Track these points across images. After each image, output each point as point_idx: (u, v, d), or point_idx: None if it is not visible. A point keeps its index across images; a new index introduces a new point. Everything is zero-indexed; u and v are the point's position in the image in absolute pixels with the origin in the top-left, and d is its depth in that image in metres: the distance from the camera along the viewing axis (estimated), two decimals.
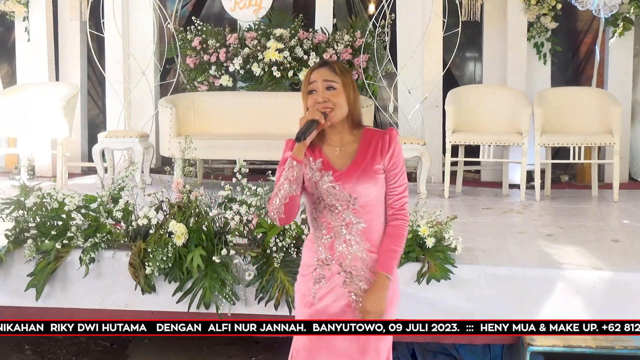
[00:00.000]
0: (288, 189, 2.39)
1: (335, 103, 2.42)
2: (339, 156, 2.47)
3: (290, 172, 2.39)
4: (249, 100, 6.61)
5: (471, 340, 3.77)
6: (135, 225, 3.77)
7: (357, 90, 2.51)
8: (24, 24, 7.08)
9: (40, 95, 6.41)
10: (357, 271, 2.45)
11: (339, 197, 2.44)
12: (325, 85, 2.43)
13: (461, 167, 6.27)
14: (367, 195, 2.43)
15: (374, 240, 2.46)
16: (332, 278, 2.48)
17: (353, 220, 2.44)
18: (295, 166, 2.38)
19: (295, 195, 2.42)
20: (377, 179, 2.44)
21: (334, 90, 2.43)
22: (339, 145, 2.48)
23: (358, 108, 2.50)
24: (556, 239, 4.46)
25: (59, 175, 6.21)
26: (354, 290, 2.46)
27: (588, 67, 7.26)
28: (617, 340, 3.51)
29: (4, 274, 3.80)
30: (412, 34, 6.63)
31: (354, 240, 2.45)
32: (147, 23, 6.93)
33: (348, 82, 2.45)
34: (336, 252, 2.47)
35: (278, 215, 2.44)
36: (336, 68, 2.45)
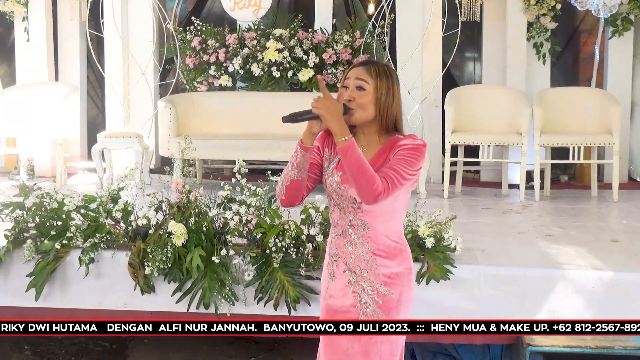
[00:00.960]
0: (290, 172, 2.40)
1: (360, 104, 2.38)
2: None
3: (294, 156, 2.39)
4: (248, 100, 6.61)
5: (470, 340, 3.77)
6: (134, 226, 3.77)
7: (397, 95, 2.43)
8: (24, 24, 7.07)
9: (39, 96, 6.41)
10: (360, 272, 2.45)
11: (344, 198, 2.43)
12: (356, 84, 2.39)
13: (461, 167, 6.27)
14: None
15: (381, 244, 2.43)
16: (341, 275, 2.48)
17: (358, 222, 2.43)
18: (299, 150, 2.38)
19: (299, 179, 2.40)
20: None
21: (363, 91, 2.39)
22: (364, 146, 2.43)
23: (392, 113, 2.41)
24: (556, 239, 4.47)
25: (58, 176, 6.21)
26: (358, 290, 2.46)
27: (587, 67, 7.26)
28: (617, 340, 3.51)
29: (3, 274, 3.80)
30: (412, 34, 6.63)
31: (359, 241, 2.44)
32: (146, 23, 6.92)
33: (382, 85, 2.39)
34: (342, 249, 2.47)
35: (279, 196, 2.46)
36: (372, 69, 2.40)
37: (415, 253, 3.65)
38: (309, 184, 2.49)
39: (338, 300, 2.50)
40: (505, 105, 6.20)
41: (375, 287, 2.43)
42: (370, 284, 2.44)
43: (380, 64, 2.45)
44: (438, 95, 6.70)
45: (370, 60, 2.53)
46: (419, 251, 3.65)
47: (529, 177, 6.17)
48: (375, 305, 2.44)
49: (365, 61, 2.48)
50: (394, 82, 2.43)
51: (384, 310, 2.45)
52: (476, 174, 7.09)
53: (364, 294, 2.45)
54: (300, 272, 3.64)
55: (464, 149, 6.12)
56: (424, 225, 3.68)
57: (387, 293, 2.44)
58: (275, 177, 3.02)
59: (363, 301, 2.45)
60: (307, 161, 2.41)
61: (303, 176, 2.41)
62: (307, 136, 2.38)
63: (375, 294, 2.44)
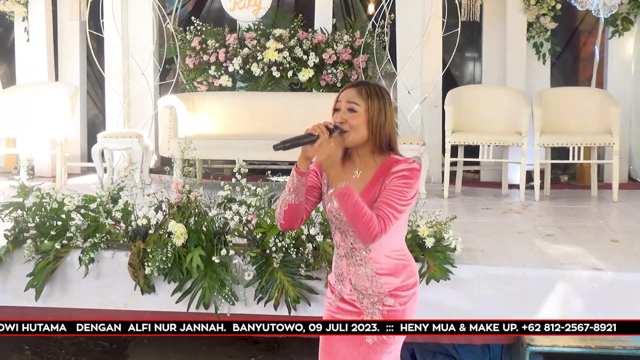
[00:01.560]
0: (288, 197, 2.41)
1: (352, 125, 2.38)
2: (355, 182, 2.41)
3: (290, 181, 2.40)
4: (248, 100, 6.61)
5: (470, 340, 3.77)
6: (134, 226, 3.77)
7: (390, 115, 2.43)
8: (24, 24, 7.07)
9: (39, 96, 6.40)
10: (366, 290, 2.47)
11: (343, 223, 2.43)
12: (348, 107, 2.40)
13: (460, 167, 6.27)
14: None
15: (383, 263, 2.44)
16: (348, 295, 2.51)
17: (359, 246, 2.44)
18: (294, 176, 2.39)
19: (296, 204, 2.41)
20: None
21: (355, 113, 2.39)
22: (359, 169, 2.45)
23: (385, 133, 2.41)
24: (556, 239, 4.46)
25: (58, 176, 6.21)
26: (366, 304, 2.47)
27: (587, 67, 7.26)
28: (617, 340, 3.51)
29: (3, 274, 3.80)
30: (412, 34, 6.63)
31: (361, 262, 2.46)
32: (146, 23, 6.92)
33: (374, 106, 2.39)
34: (347, 270, 2.50)
35: (278, 220, 2.48)
36: (363, 91, 2.41)
37: (415, 253, 3.64)
38: (308, 207, 2.51)
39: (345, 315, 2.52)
40: (505, 105, 6.20)
41: (383, 301, 2.46)
42: (379, 299, 2.46)
43: (371, 85, 2.45)
44: (438, 95, 6.70)
45: (362, 81, 2.53)
46: (419, 251, 3.65)
47: (529, 177, 6.17)
48: (381, 315, 2.46)
49: (356, 82, 2.49)
50: (385, 102, 2.42)
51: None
52: (476, 174, 7.09)
53: (370, 306, 2.47)
54: (301, 272, 3.64)
55: (464, 149, 6.12)
56: (424, 225, 3.68)
57: (393, 304, 2.46)
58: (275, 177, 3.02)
59: (369, 311, 2.47)
60: (304, 185, 2.41)
61: (301, 200, 2.42)
62: (302, 161, 2.37)
63: (381, 304, 2.46)
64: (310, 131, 2.34)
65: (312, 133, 2.33)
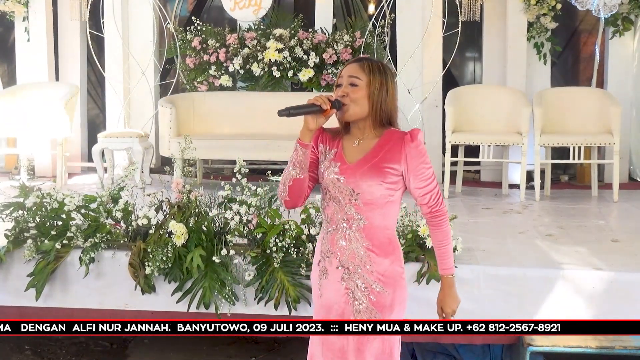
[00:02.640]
0: (292, 172, 2.42)
1: (353, 99, 2.41)
2: (355, 149, 2.46)
3: (294, 155, 2.43)
4: (248, 100, 6.61)
5: (471, 340, 3.77)
6: (135, 225, 3.77)
7: (391, 91, 2.45)
8: (24, 24, 7.07)
9: (40, 95, 6.40)
10: (354, 268, 2.45)
11: (342, 189, 2.44)
12: (349, 81, 2.43)
13: (461, 167, 6.27)
14: (371, 193, 2.41)
15: (375, 240, 2.44)
16: (333, 272, 2.48)
17: (354, 215, 2.43)
18: (299, 148, 2.41)
19: (301, 179, 2.43)
20: (383, 179, 2.40)
21: (356, 87, 2.42)
22: (358, 139, 2.47)
23: (386, 108, 2.45)
24: (556, 239, 4.46)
25: (58, 175, 6.21)
26: (351, 287, 2.46)
27: (588, 67, 7.26)
28: (617, 340, 3.51)
29: (3, 274, 3.80)
30: (412, 34, 6.63)
31: (353, 236, 2.45)
32: (147, 23, 6.93)
33: (375, 81, 2.41)
34: (336, 245, 2.48)
35: (282, 198, 2.49)
36: (365, 65, 2.43)
37: (415, 253, 3.65)
38: (310, 184, 2.51)
39: (331, 298, 2.50)
40: (506, 105, 6.20)
41: (369, 283, 2.44)
42: (364, 280, 2.45)
43: (374, 60, 2.48)
44: (438, 95, 6.70)
45: (364, 57, 2.54)
46: (419, 251, 3.65)
47: (529, 177, 6.17)
48: (369, 302, 2.45)
49: (359, 57, 2.51)
50: (387, 77, 2.45)
51: (378, 308, 2.46)
52: (476, 174, 7.09)
53: (357, 291, 2.46)
54: (301, 272, 3.64)
55: (464, 148, 6.12)
56: (424, 225, 3.68)
57: (381, 291, 2.45)
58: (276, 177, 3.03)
59: (356, 298, 2.46)
60: (307, 158, 2.43)
61: (305, 174, 2.43)
62: (304, 133, 2.40)
63: (369, 291, 2.45)
64: (312, 101, 2.37)
65: (314, 103, 2.37)
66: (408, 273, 3.59)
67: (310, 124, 2.39)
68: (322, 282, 2.52)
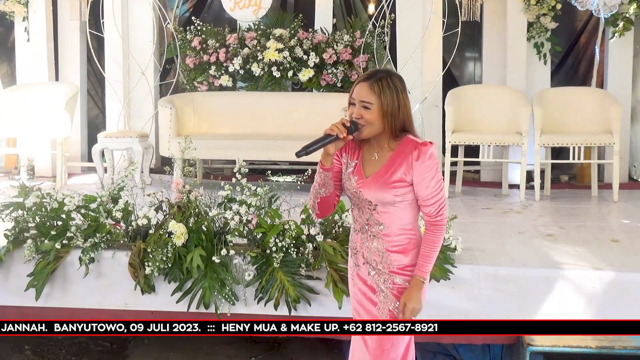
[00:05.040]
0: (320, 190, 2.57)
1: (368, 120, 2.49)
2: (373, 162, 2.57)
3: (318, 177, 2.56)
4: (248, 100, 6.61)
5: (471, 340, 3.77)
6: (135, 225, 3.77)
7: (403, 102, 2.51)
8: (24, 24, 7.07)
9: (40, 95, 6.41)
10: (376, 264, 2.60)
11: (361, 200, 2.58)
12: (362, 105, 2.50)
13: (461, 167, 6.27)
14: (387, 204, 2.53)
15: (395, 242, 2.57)
16: (362, 267, 2.65)
17: (374, 222, 2.57)
18: (321, 172, 2.54)
19: (327, 195, 2.58)
20: (395, 192, 2.51)
21: (369, 110, 2.48)
22: (377, 151, 2.57)
23: (401, 120, 2.51)
24: (556, 239, 4.47)
25: (58, 175, 6.21)
26: (377, 281, 2.60)
27: (588, 67, 7.26)
28: (617, 340, 3.51)
29: (3, 274, 3.81)
30: (412, 34, 6.63)
31: (375, 238, 2.59)
32: (146, 23, 6.93)
33: (387, 100, 2.47)
34: (361, 244, 2.64)
35: (314, 212, 2.66)
36: (375, 87, 2.48)
37: None
38: (337, 192, 2.66)
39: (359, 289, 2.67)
40: (506, 105, 6.20)
41: (391, 277, 2.58)
42: (388, 276, 2.59)
43: (383, 77, 2.51)
44: (438, 95, 6.70)
45: (373, 73, 2.55)
46: None
47: (529, 177, 6.17)
48: (390, 292, 2.59)
49: (368, 75, 2.54)
50: (399, 91, 2.51)
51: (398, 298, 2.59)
52: (476, 174, 7.09)
53: (382, 284, 2.60)
54: (301, 272, 3.64)
55: (464, 148, 6.12)
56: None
57: (402, 283, 2.58)
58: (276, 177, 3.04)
59: (381, 288, 2.60)
60: (331, 179, 2.57)
61: (331, 190, 2.59)
62: (325, 158, 2.52)
63: (391, 283, 2.58)
64: (328, 132, 2.47)
65: (330, 134, 2.46)
66: None
67: (330, 150, 2.50)
68: (355, 272, 2.68)
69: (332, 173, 2.57)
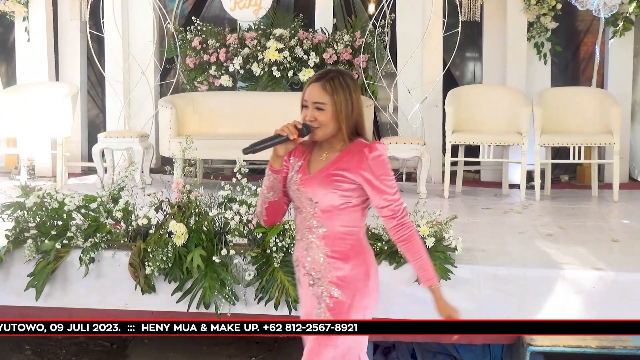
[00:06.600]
0: (267, 195, 2.51)
1: (321, 122, 2.44)
2: (320, 162, 2.49)
3: (266, 180, 2.50)
4: (248, 100, 6.61)
5: (471, 340, 3.77)
6: (135, 225, 3.77)
7: (356, 102, 2.47)
8: (24, 24, 7.07)
9: (40, 95, 6.40)
10: (316, 274, 2.50)
11: (302, 200, 2.49)
12: (314, 106, 2.44)
13: (461, 167, 6.27)
14: (327, 201, 2.44)
15: (336, 247, 2.47)
16: (303, 279, 2.56)
17: (314, 224, 2.47)
18: (270, 174, 2.48)
19: (276, 200, 2.51)
20: (336, 187, 2.42)
21: (322, 111, 2.43)
22: (327, 153, 2.50)
23: (353, 122, 2.46)
24: (556, 239, 4.46)
25: (58, 175, 6.21)
26: (317, 292, 2.50)
27: (588, 67, 7.26)
28: (617, 340, 3.51)
29: (4, 274, 3.80)
30: (412, 34, 6.63)
31: (314, 244, 2.49)
32: (147, 23, 6.92)
33: (340, 100, 2.42)
34: (301, 254, 2.55)
35: (261, 218, 2.57)
36: (327, 86, 2.43)
37: None
38: (286, 200, 2.58)
39: (306, 304, 2.58)
40: (506, 105, 6.20)
41: (329, 289, 2.47)
42: (325, 287, 2.48)
43: (335, 76, 2.47)
44: (438, 95, 6.70)
45: (325, 73, 2.49)
46: None
47: (530, 177, 6.17)
48: (326, 307, 2.46)
49: (319, 75, 2.49)
50: (351, 91, 2.45)
51: (333, 314, 2.46)
52: (476, 174, 7.09)
53: (320, 297, 2.49)
54: None
55: (464, 148, 6.12)
56: (424, 225, 3.68)
57: (339, 296, 2.46)
58: None
59: (319, 303, 2.49)
60: (280, 182, 2.50)
61: (279, 195, 2.52)
62: (274, 160, 2.47)
63: (328, 296, 2.47)
64: (279, 132, 2.42)
65: (280, 134, 2.41)
66: (408, 273, 3.61)
67: (279, 151, 2.45)
68: (298, 289, 2.63)
69: (282, 177, 2.50)
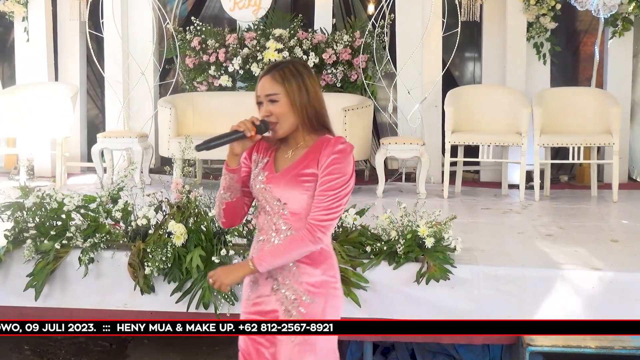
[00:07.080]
0: (224, 195, 2.39)
1: (278, 114, 2.32)
2: (287, 159, 2.38)
3: (223, 179, 2.38)
4: (248, 100, 6.49)
5: (470, 340, 3.77)
6: (134, 226, 3.77)
7: (312, 89, 2.34)
8: (23, 24, 7.06)
9: (39, 95, 6.40)
10: (283, 279, 2.37)
11: (269, 199, 2.36)
12: (268, 99, 2.34)
13: (460, 167, 6.27)
14: (297, 203, 2.32)
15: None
16: (264, 282, 2.41)
17: (282, 226, 2.35)
18: (226, 174, 2.37)
19: (233, 201, 2.39)
20: (305, 189, 2.31)
21: (277, 103, 2.32)
22: (293, 149, 2.38)
23: (312, 111, 2.33)
24: (555, 239, 4.46)
25: (58, 176, 6.21)
26: (281, 298, 2.38)
27: (587, 67, 7.26)
28: (617, 340, 3.51)
29: (3, 274, 3.80)
30: (412, 34, 6.63)
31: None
32: (146, 23, 6.92)
33: (292, 87, 2.31)
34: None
35: (219, 219, 2.46)
36: (277, 75, 2.32)
37: (415, 253, 3.65)
38: (247, 200, 2.47)
39: (264, 306, 2.42)
40: (505, 105, 6.20)
41: (299, 295, 2.35)
42: (294, 292, 2.36)
43: (285, 65, 2.36)
44: (438, 95, 6.70)
45: (274, 64, 2.38)
46: (418, 251, 3.65)
47: (529, 177, 6.17)
48: (299, 314, 2.35)
49: (269, 68, 2.38)
50: (304, 78, 2.33)
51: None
52: (476, 174, 7.09)
53: (287, 303, 2.37)
54: None
55: (463, 149, 6.12)
56: (423, 225, 3.68)
57: (311, 302, 2.35)
58: None
59: (286, 309, 2.37)
60: (237, 182, 2.38)
61: (237, 196, 2.40)
62: (231, 158, 2.36)
63: (299, 303, 2.35)
64: (235, 128, 2.34)
65: (237, 130, 2.33)
66: (407, 273, 3.62)
67: (236, 149, 2.35)
68: (250, 293, 2.46)
69: (240, 177, 2.38)
